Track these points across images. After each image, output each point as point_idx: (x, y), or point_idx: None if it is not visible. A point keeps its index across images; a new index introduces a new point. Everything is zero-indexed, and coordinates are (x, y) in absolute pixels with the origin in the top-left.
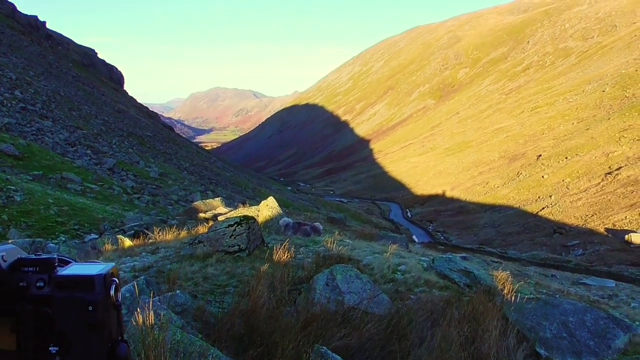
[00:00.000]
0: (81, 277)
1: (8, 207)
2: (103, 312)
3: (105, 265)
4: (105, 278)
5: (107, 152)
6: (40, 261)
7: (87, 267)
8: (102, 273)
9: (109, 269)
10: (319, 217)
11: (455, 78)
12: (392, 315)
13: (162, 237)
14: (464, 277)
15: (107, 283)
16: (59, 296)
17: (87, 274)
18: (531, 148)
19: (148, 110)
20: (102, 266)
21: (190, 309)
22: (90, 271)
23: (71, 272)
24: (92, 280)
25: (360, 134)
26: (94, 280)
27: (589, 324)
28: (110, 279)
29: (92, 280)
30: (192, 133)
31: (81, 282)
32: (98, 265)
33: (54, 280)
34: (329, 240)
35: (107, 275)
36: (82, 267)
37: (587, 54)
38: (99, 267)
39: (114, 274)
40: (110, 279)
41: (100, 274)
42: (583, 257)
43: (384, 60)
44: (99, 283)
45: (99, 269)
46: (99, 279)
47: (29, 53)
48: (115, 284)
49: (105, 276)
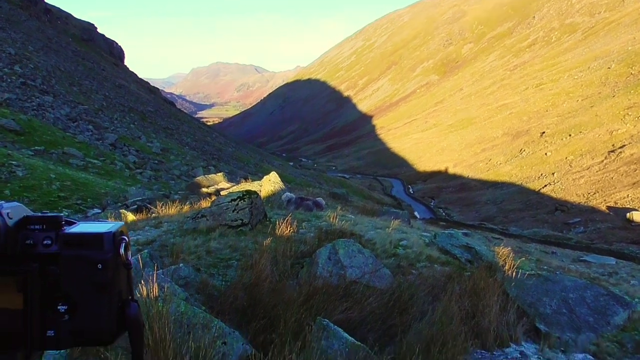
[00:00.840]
0: (90, 235)
1: (10, 182)
2: (112, 271)
3: (114, 224)
4: (115, 236)
5: (108, 128)
6: (47, 218)
7: (96, 225)
8: (112, 231)
9: (119, 227)
10: (321, 193)
11: (460, 53)
12: (393, 290)
13: (165, 212)
14: (466, 252)
15: (116, 241)
16: (66, 254)
17: (95, 231)
18: (535, 125)
19: (149, 86)
20: (111, 224)
21: (193, 282)
22: (99, 229)
23: (79, 229)
24: (101, 238)
25: (363, 109)
26: (103, 238)
27: (589, 300)
28: (120, 237)
29: (101, 237)
30: (193, 108)
31: (90, 239)
32: (107, 224)
33: (61, 237)
34: (332, 215)
35: (116, 233)
36: (90, 225)
37: (594, 29)
38: (108, 225)
39: (123, 232)
40: (120, 237)
41: (110, 232)
42: (584, 234)
43: (387, 34)
44: (108, 241)
45: (108, 227)
46: (108, 236)
47: (28, 27)
48: (125, 242)
49: (115, 234)
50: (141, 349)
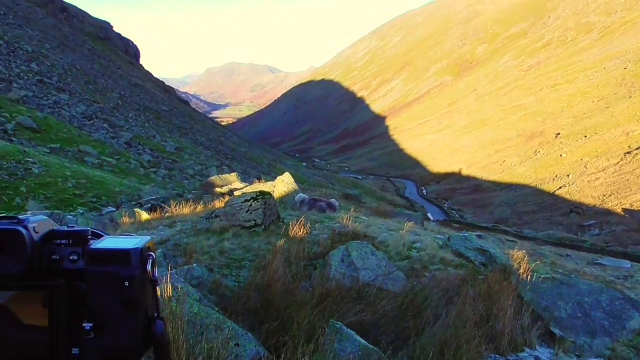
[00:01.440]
0: (117, 251)
1: (26, 179)
2: (139, 288)
3: (141, 239)
4: (142, 252)
5: (123, 126)
6: (73, 233)
7: (122, 240)
8: (139, 247)
9: (146, 243)
10: (334, 194)
11: (474, 54)
12: (407, 292)
13: (178, 211)
14: (480, 255)
15: (143, 257)
16: (93, 270)
17: (122, 247)
18: (550, 126)
19: (164, 85)
20: (138, 239)
21: (206, 282)
22: (126, 245)
23: (106, 245)
24: (128, 254)
25: (376, 110)
26: (130, 255)
27: (604, 304)
28: (147, 253)
29: (129, 254)
30: (207, 108)
31: (117, 256)
32: (133, 239)
33: (88, 253)
34: (345, 216)
35: (143, 249)
36: (117, 240)
37: (610, 29)
38: (135, 240)
39: (150, 247)
40: (147, 253)
41: (137, 248)
42: (599, 237)
43: (401, 35)
44: (136, 257)
45: (135, 242)
46: (135, 253)
47: (44, 25)
48: (152, 259)
49: (142, 250)
50: None
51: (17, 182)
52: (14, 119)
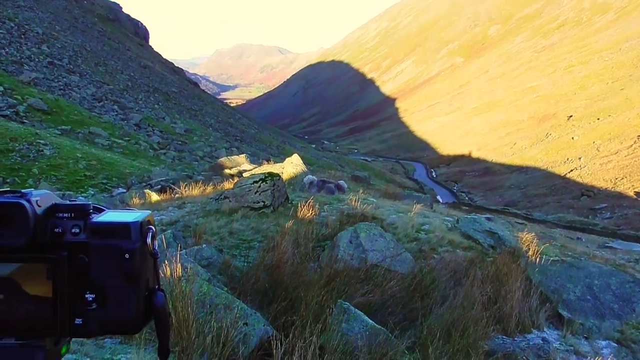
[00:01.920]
0: (117, 224)
1: (38, 160)
2: (140, 261)
3: (141, 213)
4: (142, 225)
5: (133, 108)
6: (75, 207)
7: (123, 214)
8: (139, 220)
9: (145, 216)
10: (343, 176)
11: (486, 35)
12: (414, 274)
13: (188, 192)
14: (489, 237)
15: (143, 230)
16: (94, 243)
17: (123, 221)
18: (562, 108)
19: (173, 66)
20: (138, 213)
21: (216, 262)
22: (126, 218)
23: (107, 219)
24: (128, 228)
25: (386, 92)
26: (130, 228)
27: (614, 287)
28: (147, 227)
29: (129, 227)
30: (216, 89)
31: (117, 229)
32: (134, 213)
33: (89, 226)
34: (353, 198)
35: (143, 222)
36: (118, 214)
37: (627, 9)
38: (135, 214)
39: (150, 221)
40: (147, 227)
41: (137, 221)
42: (610, 220)
43: (412, 15)
44: (135, 230)
45: (135, 216)
46: (135, 226)
47: (55, 7)
48: (152, 232)
49: (142, 223)
50: (167, 338)
51: (29, 164)
52: (26, 101)
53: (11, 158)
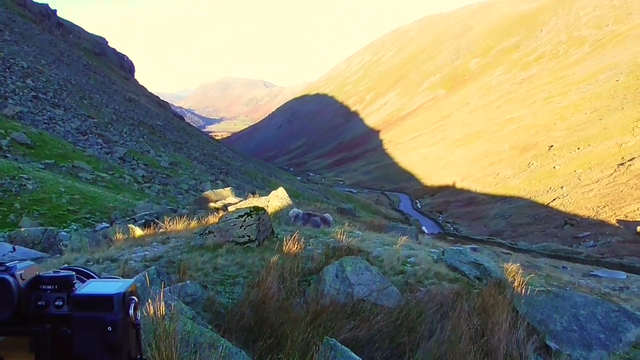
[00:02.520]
0: (100, 297)
1: (21, 195)
2: (122, 333)
3: (124, 283)
4: (125, 297)
5: (117, 141)
6: (58, 279)
7: (106, 284)
8: (121, 292)
9: (128, 287)
10: (329, 208)
11: (467, 68)
12: (401, 308)
13: (172, 227)
14: (474, 269)
15: (126, 302)
16: (77, 316)
17: (105, 293)
18: (543, 138)
19: (159, 100)
20: (120, 284)
21: (200, 299)
22: (109, 290)
23: (89, 290)
24: (110, 300)
25: (371, 124)
26: (113, 300)
27: (600, 317)
28: (129, 298)
29: (111, 299)
30: (202, 122)
31: (100, 301)
32: (116, 283)
33: (72, 299)
34: (339, 231)
35: (126, 293)
36: (101, 284)
37: (602, 42)
38: (118, 284)
39: (132, 292)
40: (129, 298)
41: (119, 293)
42: (594, 248)
43: (394, 49)
44: (118, 302)
45: (117, 287)
46: (117, 298)
47: (40, 41)
48: (134, 303)
49: (125, 294)
50: None
51: (11, 199)
52: (9, 134)
53: None
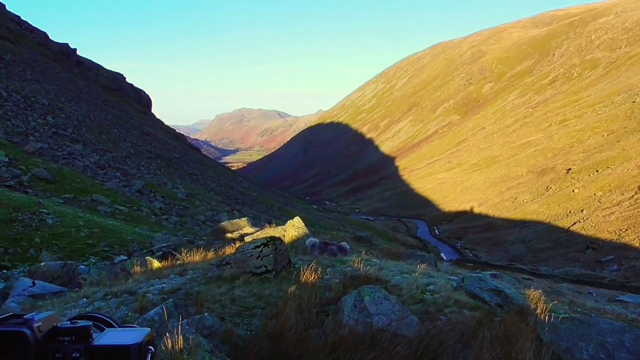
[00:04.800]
0: (117, 348)
1: (40, 230)
2: None
3: (140, 332)
4: (141, 347)
5: (135, 174)
6: (75, 330)
7: (123, 334)
8: (138, 342)
9: (144, 337)
10: (345, 236)
11: (480, 93)
12: (422, 337)
13: (189, 259)
14: (495, 296)
15: (142, 352)
16: None
17: (122, 344)
18: (560, 162)
19: (175, 132)
20: (137, 332)
21: (218, 331)
22: (125, 340)
23: (106, 341)
24: (127, 351)
25: (385, 151)
26: (130, 351)
27: (628, 344)
28: (146, 348)
29: (128, 351)
30: (218, 154)
31: (117, 353)
32: (133, 332)
33: (89, 351)
34: (356, 260)
35: (142, 343)
36: (118, 334)
37: (615, 64)
38: (134, 334)
39: (149, 341)
40: (146, 348)
41: (136, 343)
42: (618, 272)
43: (407, 77)
44: (135, 353)
45: (134, 336)
46: (134, 349)
47: (60, 79)
48: (151, 353)
49: (141, 345)
50: None
51: (32, 234)
52: (30, 170)
53: (13, 228)
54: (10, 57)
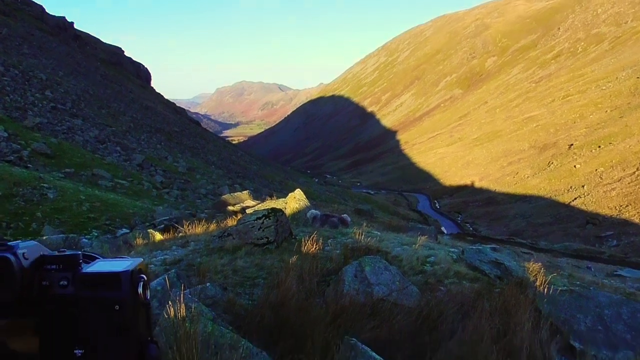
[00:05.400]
0: (106, 274)
1: (42, 204)
2: (131, 312)
3: (133, 261)
4: (133, 274)
5: (135, 148)
6: (63, 258)
7: (113, 263)
8: (129, 269)
9: (136, 265)
10: (346, 209)
11: (483, 67)
12: (421, 307)
13: (191, 231)
14: (495, 268)
15: (134, 280)
16: (83, 295)
17: (112, 270)
18: (562, 137)
19: (175, 106)
20: (129, 262)
21: (220, 301)
22: (116, 267)
23: (96, 269)
24: (118, 277)
25: (387, 125)
26: (120, 277)
27: (626, 317)
28: (138, 276)
29: (118, 277)
30: (218, 127)
31: (107, 279)
32: (125, 261)
33: (78, 278)
34: (357, 231)
35: (134, 271)
36: (108, 263)
37: (621, 39)
38: (126, 262)
39: (141, 269)
40: (138, 276)
41: (127, 270)
42: (617, 248)
43: (409, 50)
44: (126, 280)
45: (126, 265)
46: (125, 275)
47: (58, 53)
48: (143, 281)
49: (133, 272)
50: None
51: (33, 208)
52: (30, 145)
53: (15, 203)
54: (6, 31)
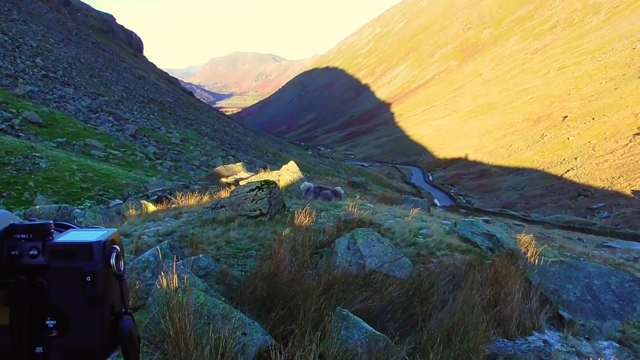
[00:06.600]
0: (78, 244)
1: (34, 173)
2: (103, 283)
3: (106, 231)
4: (105, 245)
5: (128, 119)
6: (34, 227)
7: (86, 233)
8: (101, 240)
9: (110, 235)
10: (340, 182)
11: (479, 38)
12: (413, 279)
13: (184, 202)
14: (487, 240)
15: (106, 251)
16: (54, 266)
17: (84, 240)
18: (557, 109)
19: (168, 76)
20: (103, 232)
21: (213, 272)
22: (88, 238)
23: (67, 239)
24: (89, 248)
25: (382, 97)
26: (92, 248)
27: (614, 287)
28: (111, 247)
29: (90, 247)
30: (212, 98)
31: (78, 249)
32: (98, 231)
33: (48, 248)
34: (350, 204)
35: (106, 242)
36: (81, 233)
37: (618, 9)
38: (99, 233)
39: (114, 240)
40: (111, 247)
41: (99, 241)
42: (608, 219)
43: (405, 20)
44: (98, 251)
45: (99, 235)
46: (97, 246)
47: (48, 20)
48: (116, 252)
49: (105, 243)
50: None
51: (25, 177)
52: (21, 114)
53: (7, 172)
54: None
